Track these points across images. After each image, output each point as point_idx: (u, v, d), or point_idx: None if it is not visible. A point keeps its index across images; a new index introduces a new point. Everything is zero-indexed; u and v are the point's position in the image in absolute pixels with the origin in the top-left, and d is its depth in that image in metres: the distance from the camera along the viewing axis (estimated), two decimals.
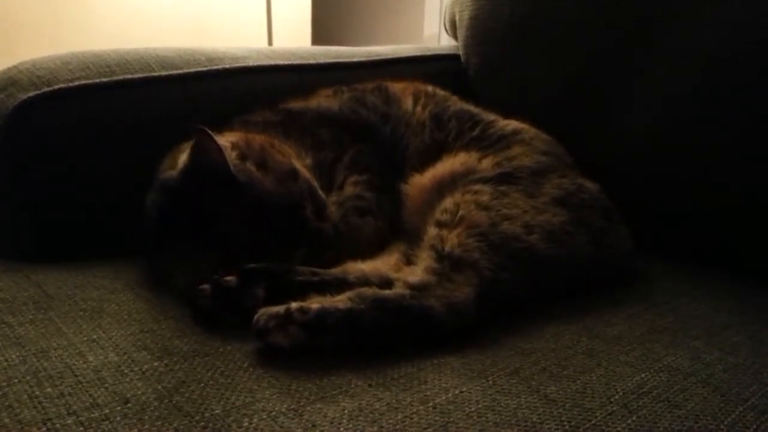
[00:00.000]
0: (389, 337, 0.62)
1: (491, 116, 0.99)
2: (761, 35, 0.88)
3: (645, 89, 1.01)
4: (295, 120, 0.91)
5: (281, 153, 0.80)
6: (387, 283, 0.69)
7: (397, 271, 0.74)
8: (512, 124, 0.96)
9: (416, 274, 0.68)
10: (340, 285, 0.67)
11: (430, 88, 1.02)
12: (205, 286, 0.66)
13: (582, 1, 1.11)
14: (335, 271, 0.72)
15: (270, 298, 0.65)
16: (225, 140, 0.74)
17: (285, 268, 0.69)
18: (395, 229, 0.86)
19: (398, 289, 0.66)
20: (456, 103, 1.01)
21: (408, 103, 0.98)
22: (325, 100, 0.97)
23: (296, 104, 0.95)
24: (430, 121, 0.95)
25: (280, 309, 0.60)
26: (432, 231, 0.74)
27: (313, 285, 0.67)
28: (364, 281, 0.69)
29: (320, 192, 0.80)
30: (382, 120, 0.95)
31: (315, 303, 0.61)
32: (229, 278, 0.66)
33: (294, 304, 0.61)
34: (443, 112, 0.97)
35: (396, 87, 1.01)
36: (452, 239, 0.71)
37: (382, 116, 0.95)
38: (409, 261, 0.76)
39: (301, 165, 0.81)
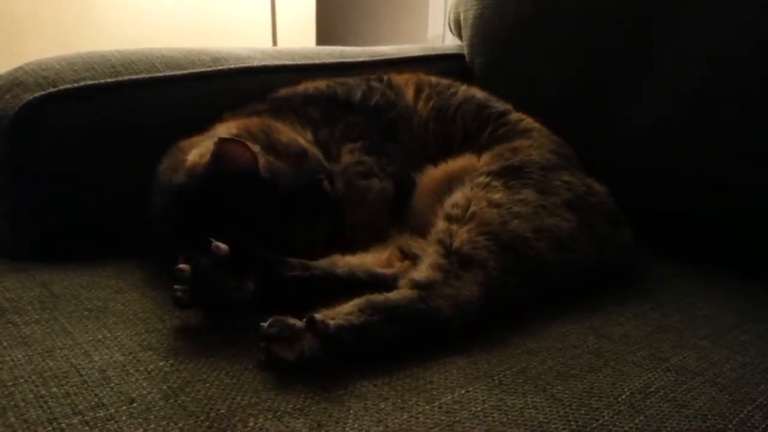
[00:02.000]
0: (398, 344, 0.61)
1: (499, 106, 0.97)
2: (761, 35, 0.88)
3: (645, 89, 1.01)
4: (284, 104, 0.90)
5: (282, 132, 0.79)
6: (374, 276, 0.69)
7: (389, 266, 0.73)
8: (523, 123, 0.95)
9: (422, 270, 0.67)
10: (330, 281, 0.66)
11: (433, 79, 1.01)
12: (184, 266, 0.63)
13: (583, 1, 1.11)
14: (323, 263, 0.70)
15: (259, 294, 0.64)
16: (224, 130, 0.74)
17: (277, 258, 0.67)
18: (403, 212, 0.85)
19: (404, 290, 0.65)
20: (459, 91, 0.99)
21: (410, 93, 0.97)
22: (313, 84, 0.96)
23: (284, 91, 0.95)
24: (433, 121, 0.94)
25: (295, 321, 0.58)
26: (441, 224, 0.73)
27: (304, 281, 0.66)
28: (351, 276, 0.69)
29: (326, 162, 0.81)
30: (387, 105, 0.94)
31: (329, 318, 0.58)
32: (221, 245, 0.62)
33: (318, 315, 0.58)
34: (447, 106, 0.96)
35: (399, 78, 1.00)
36: (462, 235, 0.70)
37: (388, 101, 0.94)
38: (405, 256, 0.76)
39: (303, 140, 0.81)
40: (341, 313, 0.60)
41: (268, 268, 0.66)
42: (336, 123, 0.89)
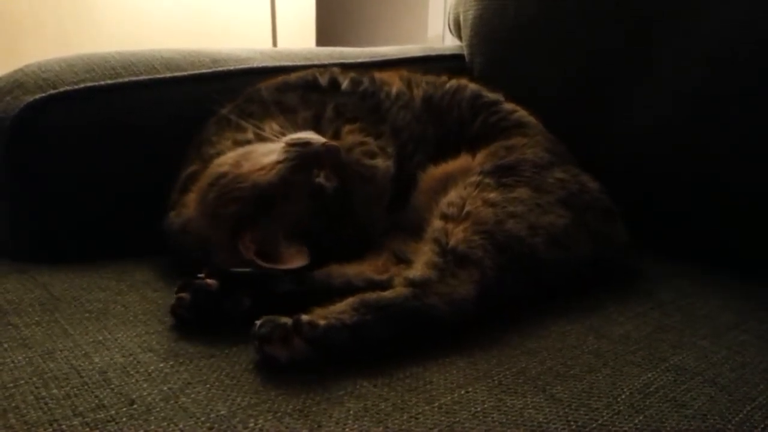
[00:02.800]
0: (392, 342, 0.61)
1: (491, 96, 0.98)
2: (761, 35, 0.88)
3: (645, 89, 1.01)
4: (251, 100, 0.89)
5: (249, 170, 0.75)
6: (371, 283, 0.69)
7: (385, 271, 0.73)
8: (516, 114, 0.95)
9: (417, 269, 0.67)
10: (325, 292, 0.66)
11: (418, 75, 1.00)
12: (184, 294, 0.65)
13: (583, 1, 1.11)
14: (319, 274, 0.70)
15: (254, 308, 0.64)
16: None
17: (270, 274, 0.68)
18: (401, 207, 0.85)
19: (399, 288, 0.65)
20: (449, 82, 0.98)
21: (397, 85, 0.96)
22: (295, 74, 0.95)
23: (261, 85, 0.93)
24: (426, 111, 0.94)
25: (287, 320, 0.58)
26: (437, 223, 0.73)
27: (298, 295, 0.67)
28: (348, 285, 0.69)
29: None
30: (374, 91, 0.94)
31: (321, 318, 0.59)
32: (210, 281, 0.65)
33: (304, 317, 0.58)
34: (440, 94, 0.95)
35: (382, 75, 0.99)
36: (457, 234, 0.70)
37: (375, 90, 0.94)
38: (399, 260, 0.76)
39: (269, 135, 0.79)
40: (334, 312, 0.60)
41: (262, 286, 0.67)
42: (323, 105, 0.87)
